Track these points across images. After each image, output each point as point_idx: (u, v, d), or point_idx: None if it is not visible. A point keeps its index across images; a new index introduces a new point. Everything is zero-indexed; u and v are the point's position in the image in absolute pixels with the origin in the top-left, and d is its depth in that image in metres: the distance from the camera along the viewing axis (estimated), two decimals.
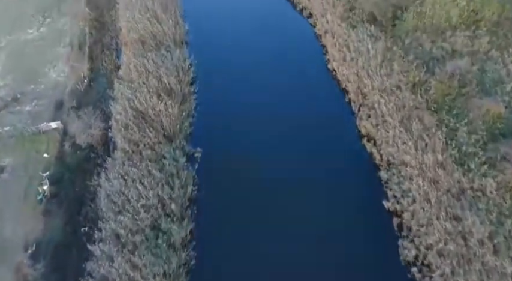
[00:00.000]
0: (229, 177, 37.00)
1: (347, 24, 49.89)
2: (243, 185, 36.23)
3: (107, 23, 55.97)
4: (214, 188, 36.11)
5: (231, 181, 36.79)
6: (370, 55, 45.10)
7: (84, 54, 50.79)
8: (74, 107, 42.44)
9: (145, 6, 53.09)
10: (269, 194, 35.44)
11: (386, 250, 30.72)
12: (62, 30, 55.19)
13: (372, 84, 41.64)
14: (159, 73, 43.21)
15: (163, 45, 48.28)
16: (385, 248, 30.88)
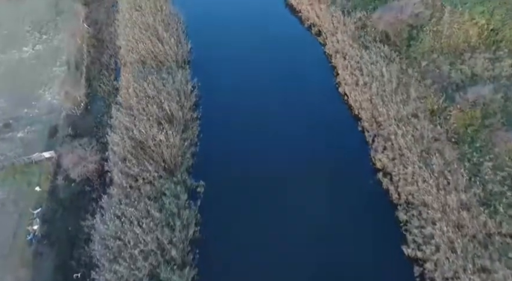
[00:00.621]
0: (234, 214, 34.65)
1: (359, 45, 47.55)
2: (250, 223, 33.84)
3: (106, 40, 53.82)
4: (219, 228, 33.67)
5: (236, 219, 34.44)
6: (384, 79, 42.67)
7: (81, 74, 48.64)
8: (69, 135, 40.22)
9: (146, 24, 50.88)
10: (279, 234, 33.08)
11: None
12: (58, 48, 53.12)
13: (387, 112, 39.18)
14: (159, 98, 40.92)
15: (164, 66, 46.07)
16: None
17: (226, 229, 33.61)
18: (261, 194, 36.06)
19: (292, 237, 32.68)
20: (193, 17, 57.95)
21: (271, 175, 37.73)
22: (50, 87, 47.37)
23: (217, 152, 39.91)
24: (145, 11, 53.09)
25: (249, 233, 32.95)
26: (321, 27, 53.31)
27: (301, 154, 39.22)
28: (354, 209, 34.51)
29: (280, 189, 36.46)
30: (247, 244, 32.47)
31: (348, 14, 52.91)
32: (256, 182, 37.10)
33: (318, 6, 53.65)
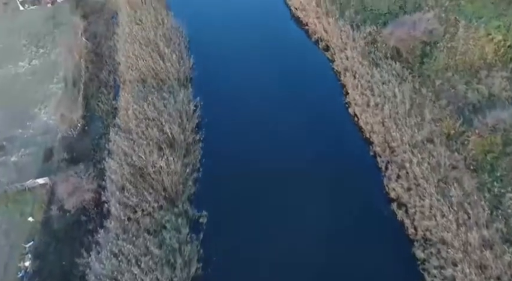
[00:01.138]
0: (238, 247, 32.80)
1: (369, 62, 45.64)
2: (254, 258, 31.97)
3: (105, 55, 52.08)
4: (222, 264, 31.84)
5: (240, 252, 32.57)
6: (397, 100, 40.68)
7: (79, 92, 46.91)
8: (65, 160, 38.43)
9: (146, 38, 49.13)
10: (286, 270, 31.26)
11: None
12: (55, 63, 51.43)
13: (400, 137, 37.20)
14: (160, 121, 39.15)
15: (165, 85, 44.24)
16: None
17: (230, 264, 31.80)
18: (267, 225, 34.24)
19: (302, 274, 30.89)
20: (196, 29, 56.07)
21: (278, 203, 35.92)
22: (45, 106, 45.64)
23: (220, 177, 37.97)
24: (146, 25, 51.37)
25: (253, 270, 31.23)
26: (328, 42, 51.42)
27: (310, 180, 37.29)
28: (367, 242, 32.42)
29: (288, 220, 34.61)
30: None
31: (357, 29, 51.05)
32: (262, 211, 35.36)
33: (325, 19, 51.74)
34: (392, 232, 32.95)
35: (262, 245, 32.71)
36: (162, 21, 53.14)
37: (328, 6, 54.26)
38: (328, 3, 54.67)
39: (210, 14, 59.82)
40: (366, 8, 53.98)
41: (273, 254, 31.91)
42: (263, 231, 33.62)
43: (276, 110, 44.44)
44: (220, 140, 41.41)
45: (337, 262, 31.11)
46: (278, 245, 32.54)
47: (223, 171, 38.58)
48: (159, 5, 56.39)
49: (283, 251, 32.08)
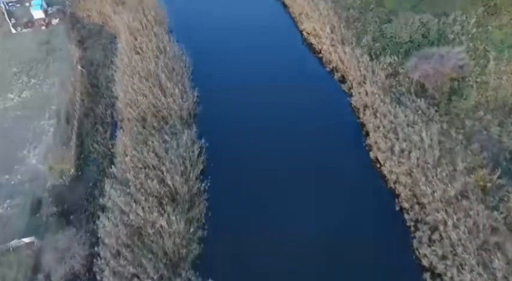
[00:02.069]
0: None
1: (391, 99, 41.92)
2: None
3: (102, 86, 48.46)
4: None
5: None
6: (424, 145, 37.00)
7: (73, 130, 43.29)
8: (54, 214, 34.79)
9: (147, 70, 45.54)
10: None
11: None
12: (48, 96, 47.82)
13: (431, 192, 33.47)
14: (161, 170, 35.54)
15: (167, 125, 40.59)
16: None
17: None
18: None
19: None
20: (200, 56, 52.32)
21: (296, 263, 32.32)
22: (35, 147, 42.06)
23: (228, 236, 34.18)
24: (147, 54, 47.80)
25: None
26: (345, 73, 47.70)
27: (329, 233, 33.57)
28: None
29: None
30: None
31: (376, 58, 47.40)
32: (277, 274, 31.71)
33: (341, 48, 48.15)
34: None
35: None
36: (164, 48, 49.58)
37: (343, 32, 50.82)
38: (343, 28, 51.24)
39: (216, 38, 56.13)
40: (384, 34, 50.36)
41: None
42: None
43: (289, 153, 40.76)
44: (228, 189, 37.68)
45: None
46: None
47: (231, 227, 34.98)
48: (161, 30, 52.85)
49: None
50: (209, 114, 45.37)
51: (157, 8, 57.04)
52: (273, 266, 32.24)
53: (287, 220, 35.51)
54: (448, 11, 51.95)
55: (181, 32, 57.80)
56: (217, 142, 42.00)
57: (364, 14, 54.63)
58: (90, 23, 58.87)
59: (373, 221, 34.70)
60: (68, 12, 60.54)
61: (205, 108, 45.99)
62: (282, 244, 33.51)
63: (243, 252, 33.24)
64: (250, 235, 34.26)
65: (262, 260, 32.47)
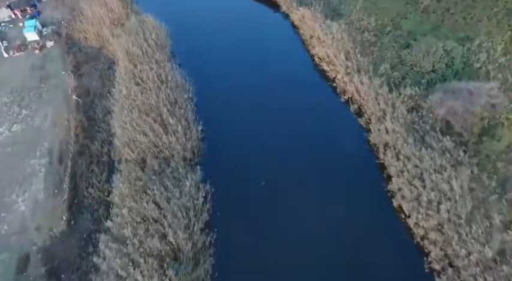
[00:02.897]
0: None
1: (415, 138, 38.49)
2: None
3: (98, 119, 45.14)
4: None
5: None
6: (455, 195, 33.60)
7: (66, 171, 40.04)
8: (43, 275, 31.48)
9: (147, 104, 42.26)
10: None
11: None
12: (40, 130, 44.62)
13: (466, 253, 30.08)
14: (162, 224, 32.22)
15: (169, 168, 37.27)
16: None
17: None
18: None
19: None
20: (205, 83, 48.85)
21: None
22: (25, 191, 38.84)
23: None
24: (147, 85, 44.54)
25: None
26: (362, 105, 44.22)
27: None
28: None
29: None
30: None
31: (396, 89, 43.95)
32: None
33: (357, 77, 44.78)
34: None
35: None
36: (166, 77, 46.24)
37: (359, 59, 47.40)
38: (358, 54, 47.86)
39: (221, 62, 52.79)
40: (404, 62, 46.93)
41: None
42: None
43: (304, 197, 37.18)
44: (236, 242, 34.37)
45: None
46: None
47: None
48: (162, 56, 49.52)
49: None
50: (215, 152, 41.96)
51: (158, 30, 53.82)
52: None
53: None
54: (472, 35, 48.63)
55: (185, 54, 54.42)
56: (223, 185, 38.54)
57: (380, 38, 51.29)
58: (87, 46, 55.67)
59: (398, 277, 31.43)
60: (63, 34, 57.51)
61: (211, 145, 42.59)
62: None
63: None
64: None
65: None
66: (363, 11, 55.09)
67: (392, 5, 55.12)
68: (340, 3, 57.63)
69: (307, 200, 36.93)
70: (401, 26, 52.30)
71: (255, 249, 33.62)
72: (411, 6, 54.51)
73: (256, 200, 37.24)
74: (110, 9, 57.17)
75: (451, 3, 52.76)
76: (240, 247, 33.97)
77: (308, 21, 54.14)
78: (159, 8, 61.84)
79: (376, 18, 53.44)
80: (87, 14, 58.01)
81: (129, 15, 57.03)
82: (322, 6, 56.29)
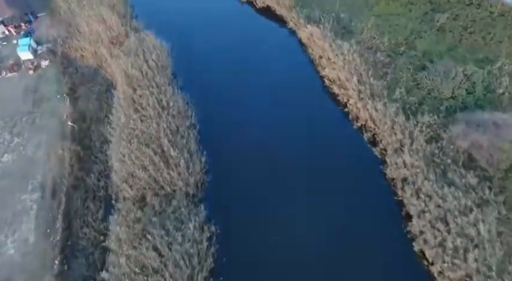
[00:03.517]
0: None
1: (436, 173, 35.82)
2: None
3: (95, 148, 42.39)
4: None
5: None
6: (483, 240, 31.00)
7: (59, 207, 37.43)
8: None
9: (147, 134, 39.69)
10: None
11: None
12: (32, 160, 41.98)
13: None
14: (163, 275, 29.57)
15: (171, 206, 34.70)
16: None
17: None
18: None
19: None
20: (208, 108, 45.85)
21: None
22: (14, 231, 36.13)
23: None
24: (147, 113, 41.95)
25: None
26: (377, 134, 41.58)
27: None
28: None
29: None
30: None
31: (413, 116, 41.34)
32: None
33: (371, 103, 42.21)
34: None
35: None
36: (167, 103, 43.57)
37: (372, 82, 44.79)
38: (371, 78, 45.27)
39: (224, 83, 49.89)
40: (420, 86, 44.32)
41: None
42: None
43: (319, 237, 34.48)
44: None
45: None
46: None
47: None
48: (163, 79, 46.83)
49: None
50: (219, 185, 39.23)
51: (159, 50, 51.23)
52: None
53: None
54: (492, 56, 46.10)
55: (187, 74, 51.45)
56: (229, 223, 35.95)
57: (394, 59, 48.63)
58: (83, 66, 52.98)
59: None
60: (59, 53, 54.94)
61: (215, 178, 39.84)
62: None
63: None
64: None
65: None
66: (375, 29, 52.50)
67: (406, 23, 52.56)
68: (351, 20, 55.11)
69: (322, 240, 34.29)
70: (416, 46, 49.71)
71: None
72: (426, 24, 52.09)
73: (265, 241, 34.71)
74: (108, 27, 54.63)
75: (469, 21, 50.35)
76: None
77: (317, 40, 51.54)
78: (160, 24, 59.10)
79: (389, 37, 50.91)
80: (84, 31, 55.50)
81: (128, 33, 54.47)
82: (331, 23, 53.86)
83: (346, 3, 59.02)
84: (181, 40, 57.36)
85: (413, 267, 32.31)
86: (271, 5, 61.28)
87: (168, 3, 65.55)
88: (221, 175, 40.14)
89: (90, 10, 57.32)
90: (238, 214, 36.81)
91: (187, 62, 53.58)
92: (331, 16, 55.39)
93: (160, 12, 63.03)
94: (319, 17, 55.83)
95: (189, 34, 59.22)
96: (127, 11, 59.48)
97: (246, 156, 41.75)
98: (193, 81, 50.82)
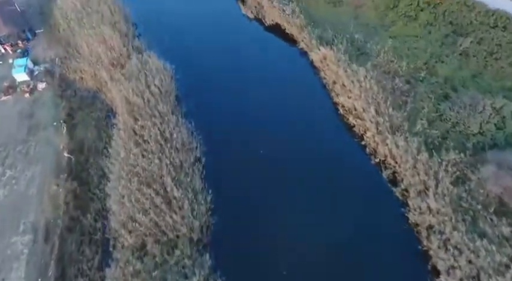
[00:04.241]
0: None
1: (465, 221, 32.73)
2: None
3: (92, 183, 39.46)
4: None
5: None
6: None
7: (52, 252, 34.59)
8: None
9: (149, 171, 36.83)
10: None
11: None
12: (25, 197, 38.98)
13: None
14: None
15: (174, 255, 31.83)
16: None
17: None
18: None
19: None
20: (214, 135, 43.20)
21: None
22: (3, 280, 33.61)
23: None
24: (149, 146, 39.15)
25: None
26: (397, 172, 38.38)
27: None
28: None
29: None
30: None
31: (436, 152, 38.20)
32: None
33: (391, 138, 39.18)
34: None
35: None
36: (170, 135, 40.65)
37: (391, 113, 41.72)
38: (390, 108, 42.23)
39: (231, 107, 47.39)
40: (444, 118, 41.35)
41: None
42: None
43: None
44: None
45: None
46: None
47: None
48: (166, 106, 43.62)
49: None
50: (227, 228, 36.17)
51: (162, 73, 48.36)
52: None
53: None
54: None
55: (191, 99, 48.07)
56: (238, 274, 33.24)
57: (414, 85, 45.52)
58: (82, 89, 50.06)
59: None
60: (57, 74, 52.29)
61: (222, 220, 36.52)
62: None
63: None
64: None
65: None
66: (392, 52, 49.55)
67: (426, 46, 49.39)
68: (366, 41, 51.99)
69: None
70: (437, 71, 46.57)
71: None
72: (447, 47, 48.90)
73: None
74: (109, 47, 51.78)
75: (494, 45, 47.07)
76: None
77: (331, 63, 48.48)
78: (164, 42, 56.43)
79: (407, 61, 47.79)
80: (83, 51, 52.80)
81: (130, 54, 51.63)
82: (345, 45, 50.92)
83: (360, 22, 56.12)
84: (186, 60, 54.50)
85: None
86: (281, 22, 58.38)
87: (173, 20, 62.66)
88: (228, 215, 37.00)
89: (90, 29, 54.52)
90: (247, 262, 33.99)
91: (192, 85, 50.48)
92: (345, 37, 52.55)
93: (164, 30, 60.25)
94: (332, 38, 52.97)
95: (194, 53, 56.29)
96: (129, 30, 56.57)
97: (256, 193, 38.87)
98: (199, 106, 47.71)
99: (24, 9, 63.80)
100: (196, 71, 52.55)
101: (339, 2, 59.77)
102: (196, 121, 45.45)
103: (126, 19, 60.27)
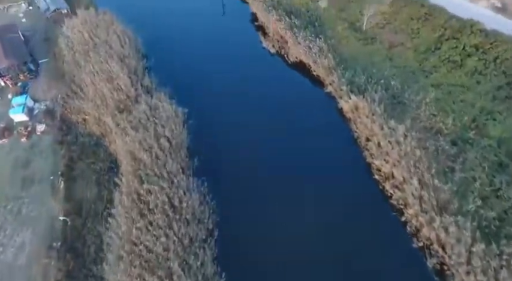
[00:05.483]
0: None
1: None
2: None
3: (89, 256, 34.22)
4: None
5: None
6: None
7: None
8: None
9: (154, 252, 31.39)
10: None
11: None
12: (13, 268, 33.51)
13: None
14: None
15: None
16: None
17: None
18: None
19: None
20: (232, 200, 37.70)
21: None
22: None
23: None
24: (154, 218, 34.00)
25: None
26: (445, 264, 32.01)
27: None
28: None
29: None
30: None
31: (493, 240, 31.77)
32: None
33: (439, 220, 33.05)
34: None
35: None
36: (180, 202, 35.26)
37: (436, 184, 35.21)
38: (436, 177, 35.94)
39: (249, 166, 41.17)
40: (500, 194, 34.75)
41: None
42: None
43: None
44: None
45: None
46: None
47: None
48: (177, 164, 38.25)
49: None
50: None
51: (173, 121, 43.15)
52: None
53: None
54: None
55: (207, 149, 42.38)
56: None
57: (462, 148, 39.55)
58: (84, 133, 45.05)
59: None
60: (58, 115, 47.52)
61: None
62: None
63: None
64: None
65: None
66: (435, 104, 43.83)
67: (474, 99, 43.33)
68: (403, 89, 46.32)
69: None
70: (489, 131, 40.52)
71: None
72: (500, 101, 42.62)
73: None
74: (115, 87, 46.91)
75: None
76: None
77: (364, 117, 42.80)
78: (179, 78, 51.45)
79: (453, 117, 41.99)
80: (88, 90, 48.01)
81: (139, 95, 46.58)
82: (380, 93, 45.16)
83: (396, 64, 50.21)
84: (201, 101, 49.23)
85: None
86: (307, 61, 52.82)
87: (186, 50, 57.79)
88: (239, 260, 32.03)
89: (96, 64, 49.74)
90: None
91: (207, 133, 44.96)
92: (379, 83, 46.82)
93: (178, 63, 55.42)
94: (365, 83, 47.42)
95: (209, 91, 50.95)
96: (139, 64, 51.43)
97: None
98: (214, 160, 42.25)
99: (29, 35, 59.59)
100: (210, 115, 47.06)
101: (372, 39, 54.08)
102: (210, 178, 40.08)
103: (136, 50, 55.46)
